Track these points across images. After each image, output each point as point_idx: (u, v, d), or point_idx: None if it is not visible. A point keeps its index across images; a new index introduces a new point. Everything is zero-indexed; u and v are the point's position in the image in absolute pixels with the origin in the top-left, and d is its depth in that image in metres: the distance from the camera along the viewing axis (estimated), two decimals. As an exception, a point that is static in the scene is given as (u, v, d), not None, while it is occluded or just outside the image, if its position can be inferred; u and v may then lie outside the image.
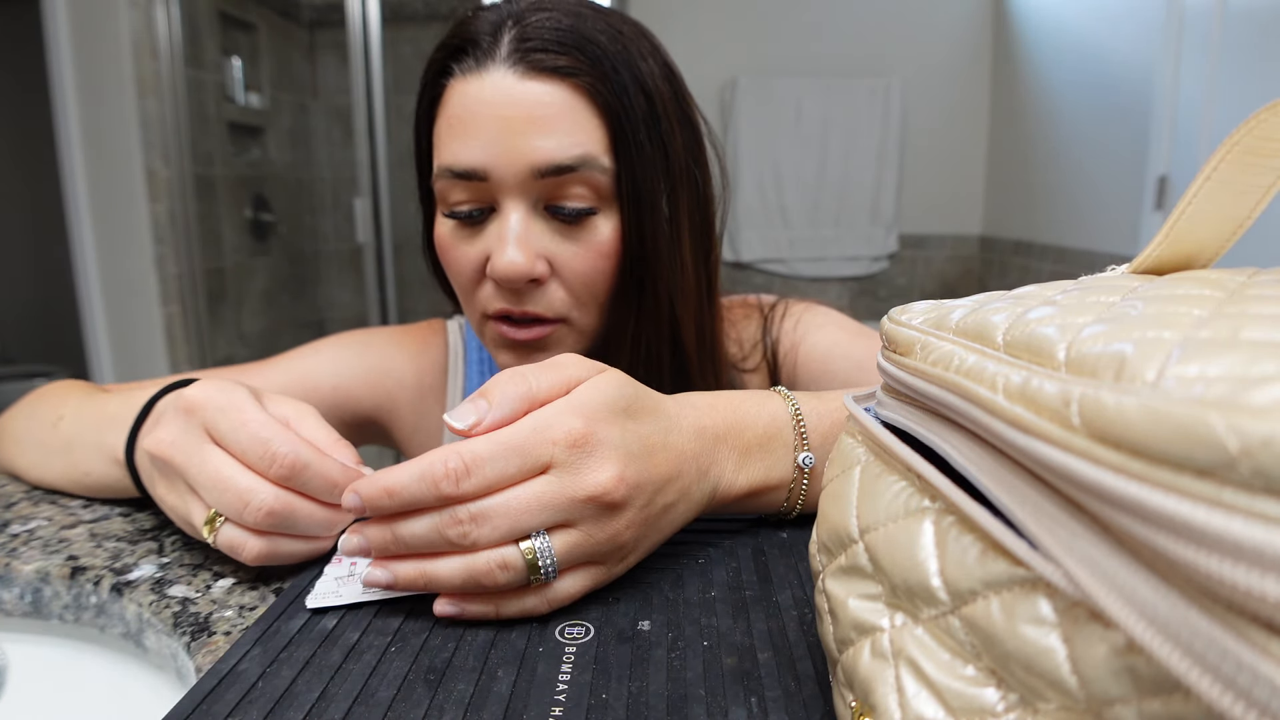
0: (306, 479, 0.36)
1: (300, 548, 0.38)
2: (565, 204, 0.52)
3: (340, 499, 0.36)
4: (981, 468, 0.19)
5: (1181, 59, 1.78)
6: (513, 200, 0.52)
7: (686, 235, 0.56)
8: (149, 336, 2.17)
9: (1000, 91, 2.65)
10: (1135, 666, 0.14)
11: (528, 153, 0.50)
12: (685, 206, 0.56)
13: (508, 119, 0.50)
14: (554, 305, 0.54)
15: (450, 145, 0.52)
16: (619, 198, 0.53)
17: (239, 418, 0.36)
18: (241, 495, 0.35)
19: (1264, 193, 0.23)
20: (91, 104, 2.07)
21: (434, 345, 0.68)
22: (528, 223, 0.52)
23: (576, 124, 0.51)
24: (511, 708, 0.27)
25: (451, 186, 0.53)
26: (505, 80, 0.50)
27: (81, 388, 0.55)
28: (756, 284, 2.75)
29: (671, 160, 0.54)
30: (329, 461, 0.37)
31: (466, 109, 0.51)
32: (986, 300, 0.23)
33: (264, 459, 0.35)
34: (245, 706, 0.27)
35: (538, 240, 0.52)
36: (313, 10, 2.71)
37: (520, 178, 0.51)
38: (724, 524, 0.43)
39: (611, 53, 0.51)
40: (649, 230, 0.53)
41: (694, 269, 0.57)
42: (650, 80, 0.53)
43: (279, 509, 0.35)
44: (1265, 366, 0.13)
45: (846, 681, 0.23)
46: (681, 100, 0.56)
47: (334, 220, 2.81)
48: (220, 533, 0.36)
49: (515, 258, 0.51)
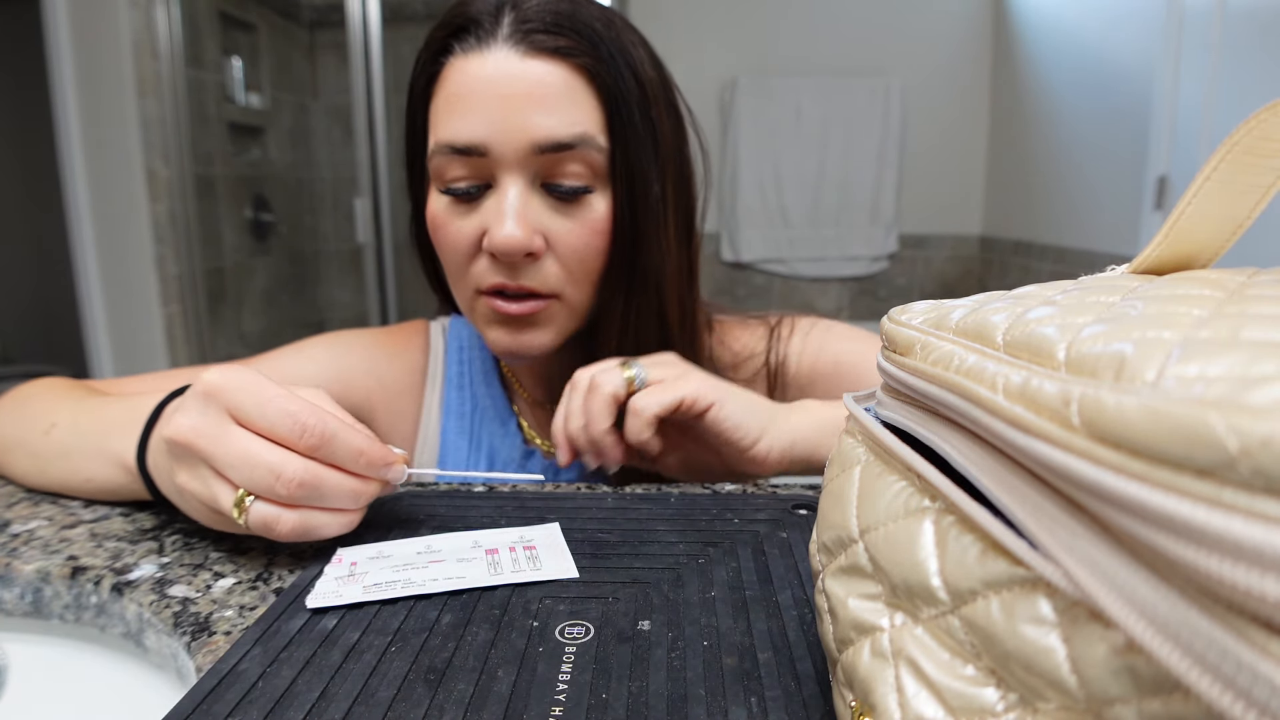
0: (335, 448, 0.37)
1: (330, 520, 0.38)
2: (562, 182, 0.53)
3: (366, 469, 0.38)
4: (981, 468, 0.19)
5: (1181, 59, 1.78)
6: (511, 176, 0.53)
7: (672, 217, 0.58)
8: (149, 336, 2.17)
9: (1000, 91, 2.65)
10: (1135, 666, 0.14)
11: (529, 129, 0.51)
12: (671, 189, 0.57)
13: (509, 96, 0.51)
14: (548, 280, 0.55)
15: (450, 121, 0.53)
16: (613, 177, 0.54)
17: (262, 394, 0.37)
18: (272, 468, 0.36)
19: (1264, 193, 0.23)
20: (91, 104, 2.07)
21: (414, 347, 0.68)
22: (525, 198, 0.53)
23: (575, 103, 0.52)
24: (511, 708, 0.27)
25: (449, 162, 0.53)
26: (507, 59, 0.52)
27: (64, 389, 0.54)
28: (756, 284, 2.75)
29: (660, 144, 0.56)
30: (354, 431, 0.38)
31: (468, 86, 0.52)
32: (986, 300, 0.23)
33: (294, 430, 0.36)
34: (245, 706, 0.28)
35: (535, 215, 0.53)
36: (313, 10, 2.71)
37: (520, 153, 0.52)
38: (724, 524, 0.43)
39: (607, 38, 0.53)
40: (640, 210, 0.55)
41: (677, 251, 0.59)
42: (641, 66, 0.55)
43: (309, 479, 0.36)
44: (1265, 366, 0.13)
45: (846, 681, 0.23)
46: (668, 89, 0.58)
47: (334, 220, 2.81)
48: (251, 511, 0.37)
49: (514, 231, 0.52)
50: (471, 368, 0.67)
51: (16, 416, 0.53)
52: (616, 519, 0.44)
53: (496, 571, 0.37)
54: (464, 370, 0.67)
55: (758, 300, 2.75)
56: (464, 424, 0.65)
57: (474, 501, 0.46)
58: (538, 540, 0.40)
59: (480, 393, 0.67)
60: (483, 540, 0.40)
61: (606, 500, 0.46)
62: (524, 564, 0.38)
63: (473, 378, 0.67)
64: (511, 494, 0.48)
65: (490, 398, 0.66)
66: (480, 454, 0.65)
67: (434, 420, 0.66)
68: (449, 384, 0.67)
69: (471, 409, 0.66)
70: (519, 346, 0.57)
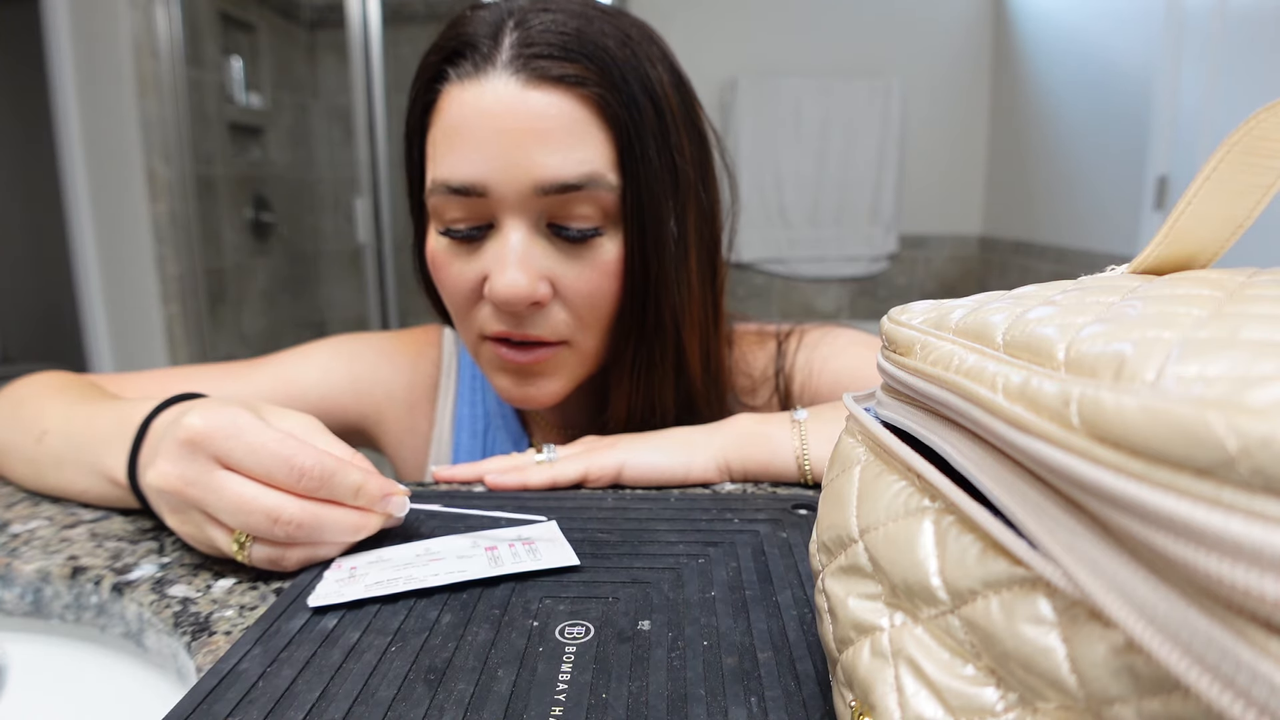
0: (333, 486, 0.36)
1: (336, 549, 0.38)
2: (569, 225, 0.49)
3: (364, 501, 0.38)
4: (981, 468, 0.19)
5: (1181, 59, 1.78)
6: (513, 218, 0.49)
7: (693, 255, 0.53)
8: (149, 337, 2.17)
9: (1000, 91, 2.65)
10: (1134, 666, 0.14)
11: (530, 169, 0.47)
12: (693, 224, 0.53)
13: (509, 131, 0.47)
14: (556, 328, 0.51)
15: (446, 159, 0.49)
16: (625, 217, 0.50)
17: (254, 440, 0.36)
18: (269, 513, 0.35)
19: (1263, 193, 0.23)
20: (92, 104, 2.07)
21: (427, 357, 0.66)
22: (529, 242, 0.49)
23: (582, 139, 0.48)
24: (511, 708, 0.27)
25: (447, 203, 0.49)
26: (507, 89, 0.47)
27: (58, 388, 0.52)
28: (756, 284, 2.75)
29: (680, 176, 0.51)
30: (350, 466, 0.37)
31: (464, 119, 0.48)
32: (986, 300, 0.23)
33: (291, 475, 0.35)
34: (245, 706, 0.28)
35: (539, 260, 0.50)
36: (313, 10, 2.71)
37: (521, 195, 0.48)
38: (724, 524, 0.43)
39: (620, 60, 0.48)
40: (655, 250, 0.51)
41: (700, 290, 0.54)
42: (659, 88, 0.50)
43: (308, 520, 0.36)
44: (1264, 366, 0.13)
45: (846, 681, 0.23)
46: (690, 110, 0.53)
47: (334, 220, 2.81)
48: (253, 552, 0.37)
49: (517, 280, 0.48)
50: (484, 383, 0.65)
51: (11, 419, 0.51)
52: (616, 519, 0.44)
53: (497, 564, 0.37)
54: (477, 385, 0.65)
55: (758, 300, 2.75)
56: (476, 441, 0.64)
57: (473, 502, 0.46)
58: (536, 536, 0.40)
59: (493, 410, 0.64)
60: (481, 539, 0.40)
61: (606, 500, 0.46)
62: (524, 556, 0.38)
63: (485, 393, 0.65)
64: (511, 494, 0.48)
65: (503, 415, 0.64)
66: None
67: (446, 435, 0.64)
68: (461, 398, 0.65)
69: (484, 427, 0.64)
70: (527, 397, 0.54)
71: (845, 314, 2.80)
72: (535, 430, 0.65)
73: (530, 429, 0.65)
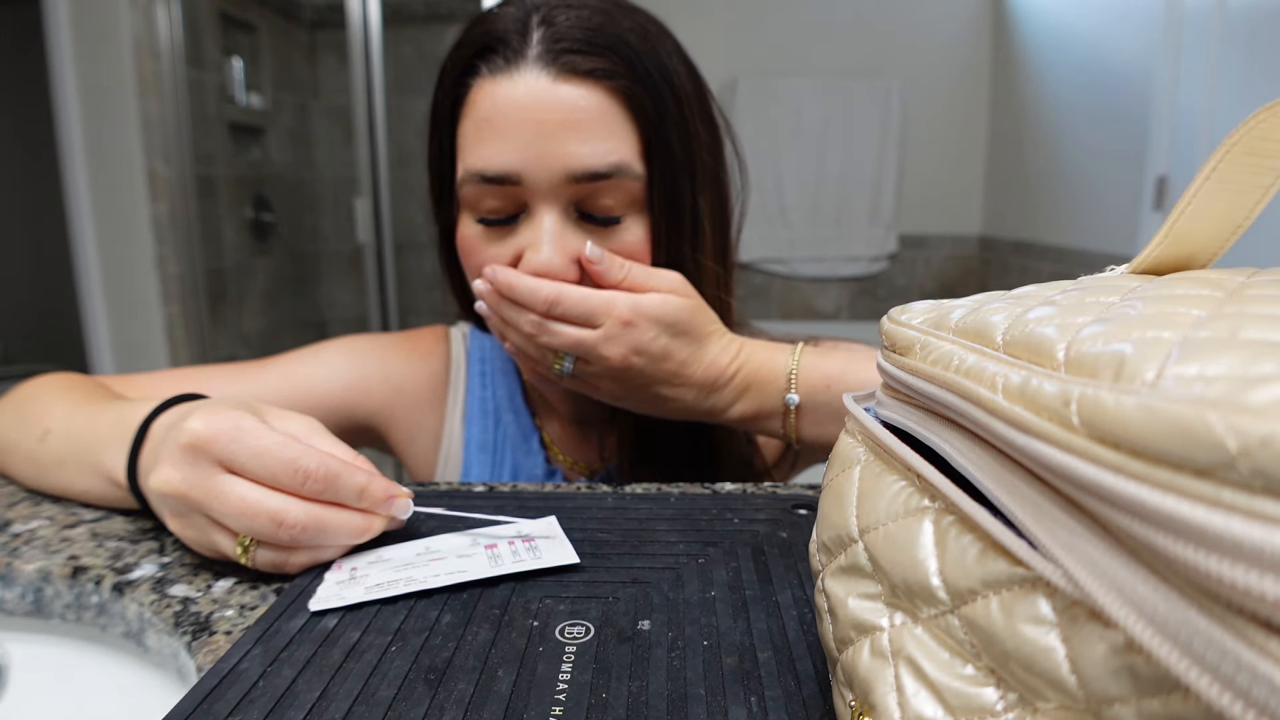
0: (338, 489, 0.37)
1: (340, 551, 0.38)
2: (597, 211, 0.52)
3: (368, 504, 0.38)
4: (981, 468, 0.19)
5: (1181, 59, 1.78)
6: (545, 204, 0.51)
7: (708, 238, 0.56)
8: (150, 337, 2.17)
9: (1000, 91, 2.65)
10: (1134, 666, 0.14)
11: (563, 157, 0.50)
12: (708, 209, 0.55)
13: (542, 123, 0.49)
14: None
15: (480, 149, 0.51)
16: (650, 204, 0.53)
17: (256, 444, 0.36)
18: (273, 517, 0.35)
19: (1263, 193, 0.23)
20: (92, 104, 2.07)
21: (435, 355, 0.67)
22: (561, 225, 0.52)
23: (611, 129, 0.50)
24: (511, 708, 0.27)
25: (481, 191, 0.52)
26: (539, 82, 0.49)
27: (64, 388, 0.53)
28: (756, 284, 2.75)
29: (697, 163, 0.54)
30: (354, 469, 0.37)
31: (498, 111, 0.50)
32: (986, 300, 0.23)
33: (296, 479, 0.36)
34: (246, 706, 0.28)
35: (570, 242, 0.52)
36: (313, 10, 2.71)
37: (554, 183, 0.50)
38: (724, 524, 0.43)
39: (642, 52, 0.51)
40: (676, 235, 0.54)
41: (713, 272, 0.57)
42: (677, 79, 0.52)
43: (312, 524, 0.36)
44: (1264, 366, 0.13)
45: (846, 681, 0.23)
46: (704, 99, 0.56)
47: (334, 220, 2.81)
48: (257, 556, 0.37)
49: (552, 258, 0.50)
50: (494, 380, 0.66)
51: (17, 418, 0.52)
52: (616, 519, 0.44)
53: (497, 564, 0.37)
54: (486, 383, 0.66)
55: (758, 300, 2.75)
56: (486, 439, 0.64)
57: (473, 502, 0.46)
58: (536, 534, 0.41)
59: (503, 407, 0.65)
60: (481, 537, 0.40)
61: (606, 500, 0.46)
62: (524, 554, 0.38)
63: (495, 391, 0.65)
64: (511, 494, 0.48)
65: (513, 412, 0.65)
66: (504, 473, 0.63)
67: (456, 435, 0.64)
68: (471, 396, 0.65)
69: (494, 425, 0.64)
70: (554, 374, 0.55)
71: (845, 314, 2.80)
72: (545, 424, 0.66)
73: (540, 423, 0.66)
